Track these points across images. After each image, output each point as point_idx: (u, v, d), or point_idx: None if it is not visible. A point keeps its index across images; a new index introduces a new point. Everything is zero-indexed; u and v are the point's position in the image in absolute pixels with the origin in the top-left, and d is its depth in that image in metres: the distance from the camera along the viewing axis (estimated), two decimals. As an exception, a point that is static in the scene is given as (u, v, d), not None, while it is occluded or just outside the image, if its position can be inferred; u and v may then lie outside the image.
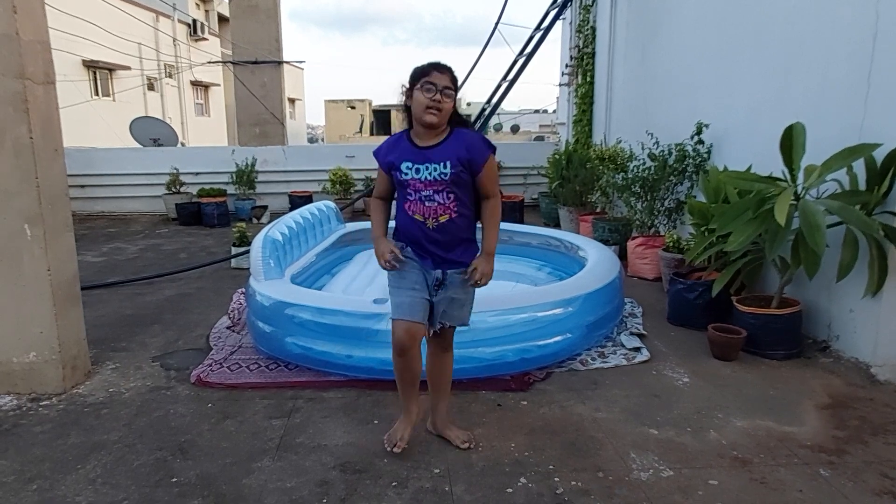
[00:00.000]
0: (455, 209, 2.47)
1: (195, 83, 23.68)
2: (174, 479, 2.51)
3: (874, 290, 3.40)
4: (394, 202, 2.66)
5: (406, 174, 2.44)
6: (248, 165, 9.71)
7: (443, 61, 2.43)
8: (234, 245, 6.35)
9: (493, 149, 2.48)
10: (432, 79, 2.36)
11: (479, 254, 2.56)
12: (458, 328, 2.70)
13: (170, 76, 21.24)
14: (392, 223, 2.66)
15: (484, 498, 2.37)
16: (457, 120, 2.49)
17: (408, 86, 2.44)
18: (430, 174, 2.41)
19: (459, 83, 2.50)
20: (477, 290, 2.62)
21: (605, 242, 5.97)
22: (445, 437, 2.77)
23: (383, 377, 3.28)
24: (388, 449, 2.65)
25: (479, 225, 2.61)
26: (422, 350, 2.62)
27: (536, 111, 28.23)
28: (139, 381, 3.49)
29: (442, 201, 2.44)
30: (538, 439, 2.80)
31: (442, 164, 2.40)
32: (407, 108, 2.48)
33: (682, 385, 3.38)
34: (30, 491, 2.44)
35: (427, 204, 2.44)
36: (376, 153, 2.59)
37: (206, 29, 23.61)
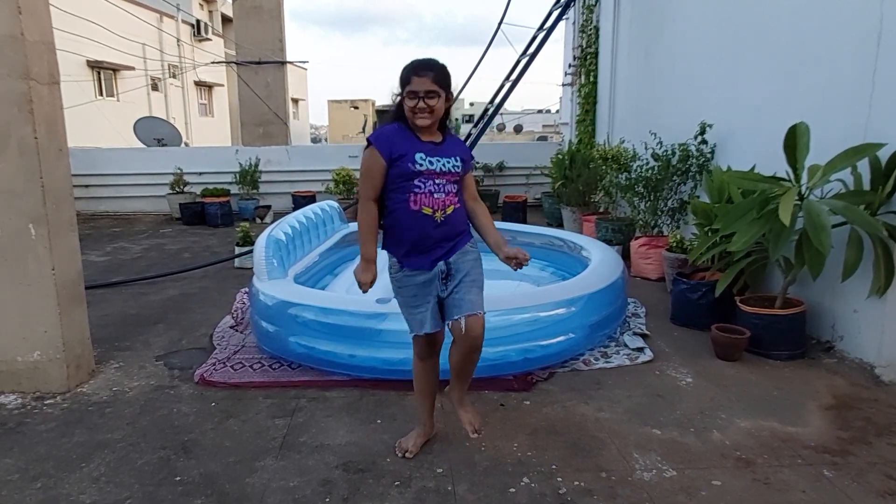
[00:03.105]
0: (457, 201, 2.54)
1: (199, 83, 23.71)
2: (178, 478, 2.52)
3: (880, 291, 3.38)
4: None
5: (421, 164, 2.42)
6: (251, 165, 9.72)
7: (427, 59, 2.42)
8: (237, 245, 6.36)
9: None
10: (413, 87, 2.37)
11: (499, 246, 2.57)
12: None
13: (174, 76, 21.28)
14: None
15: (486, 498, 2.37)
16: (443, 122, 2.52)
17: (399, 90, 2.44)
18: (443, 166, 2.46)
19: (453, 81, 2.47)
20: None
21: (609, 242, 5.96)
22: (458, 413, 2.72)
23: (386, 377, 3.29)
24: (399, 455, 2.66)
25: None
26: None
27: (539, 111, 28.18)
28: (143, 380, 3.50)
29: (450, 191, 2.50)
30: (541, 439, 2.80)
31: (453, 158, 2.50)
32: (398, 109, 2.48)
33: (685, 385, 3.38)
34: (34, 489, 2.45)
35: (437, 196, 2.45)
36: (376, 141, 2.44)
37: (210, 29, 23.64)
